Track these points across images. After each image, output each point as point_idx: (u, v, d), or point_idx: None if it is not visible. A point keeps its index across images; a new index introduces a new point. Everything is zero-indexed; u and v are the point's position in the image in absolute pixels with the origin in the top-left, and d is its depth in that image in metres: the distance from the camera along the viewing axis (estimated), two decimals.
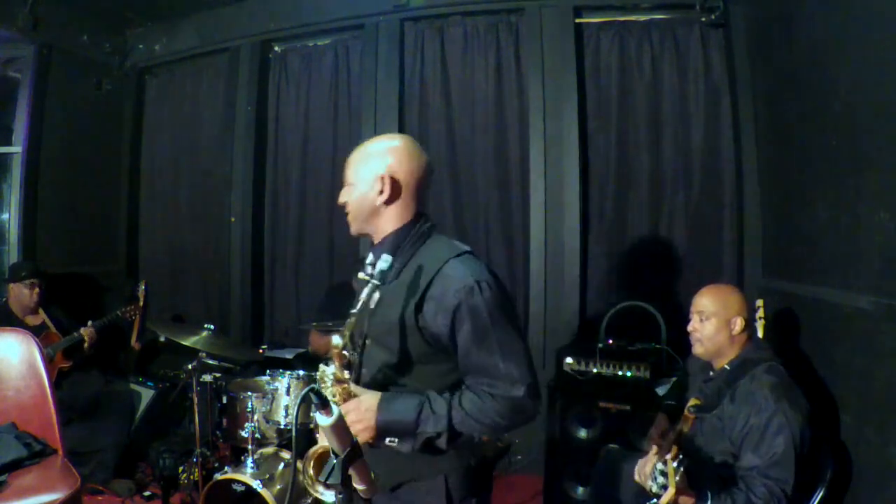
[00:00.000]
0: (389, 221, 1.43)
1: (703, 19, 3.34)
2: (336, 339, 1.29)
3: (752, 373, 1.91)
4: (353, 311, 1.34)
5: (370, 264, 1.42)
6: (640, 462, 2.07)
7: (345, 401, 1.34)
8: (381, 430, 1.32)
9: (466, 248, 1.42)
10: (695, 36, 3.47)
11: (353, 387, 1.37)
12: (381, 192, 1.39)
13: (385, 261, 1.31)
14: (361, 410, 1.32)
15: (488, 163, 3.81)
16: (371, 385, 1.41)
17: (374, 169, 1.41)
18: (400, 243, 1.41)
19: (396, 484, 1.40)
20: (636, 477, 2.05)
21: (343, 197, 1.47)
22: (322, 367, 1.35)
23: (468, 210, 3.87)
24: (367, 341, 1.45)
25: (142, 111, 4.82)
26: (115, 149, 4.73)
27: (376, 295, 1.35)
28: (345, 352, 1.32)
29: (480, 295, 1.31)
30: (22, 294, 3.32)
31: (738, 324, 2.00)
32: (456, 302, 1.30)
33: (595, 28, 3.63)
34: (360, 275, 1.43)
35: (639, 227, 3.60)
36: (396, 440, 1.33)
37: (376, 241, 1.47)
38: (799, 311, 2.54)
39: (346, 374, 1.34)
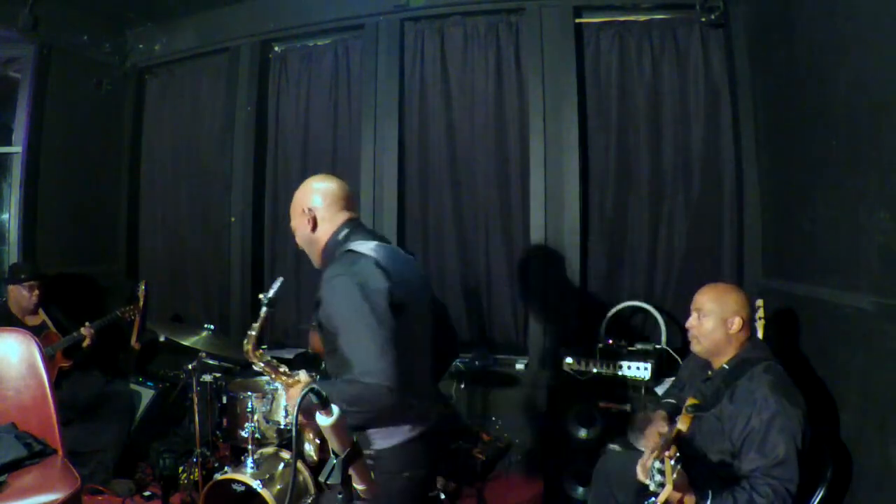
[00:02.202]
0: (322, 239, 1.81)
1: (703, 19, 3.33)
2: (245, 345, 1.83)
3: (751, 372, 1.91)
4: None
5: None
6: (641, 460, 2.06)
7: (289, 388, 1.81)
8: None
9: (352, 244, 1.68)
10: (695, 36, 3.47)
11: (301, 375, 1.80)
12: (308, 222, 1.78)
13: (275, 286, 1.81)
14: (291, 397, 1.79)
15: (488, 163, 3.80)
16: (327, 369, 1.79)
17: (299, 208, 1.82)
18: (328, 254, 1.77)
19: None
20: (638, 474, 2.05)
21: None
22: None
23: (468, 210, 3.87)
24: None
25: (142, 111, 4.82)
26: (115, 149, 4.73)
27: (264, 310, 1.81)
28: (258, 351, 1.84)
29: (332, 292, 1.58)
30: (21, 296, 3.31)
31: (736, 323, 2.00)
32: (320, 300, 1.61)
33: (595, 28, 3.62)
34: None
35: (639, 227, 3.60)
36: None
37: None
38: (799, 311, 2.53)
39: (283, 369, 1.84)
